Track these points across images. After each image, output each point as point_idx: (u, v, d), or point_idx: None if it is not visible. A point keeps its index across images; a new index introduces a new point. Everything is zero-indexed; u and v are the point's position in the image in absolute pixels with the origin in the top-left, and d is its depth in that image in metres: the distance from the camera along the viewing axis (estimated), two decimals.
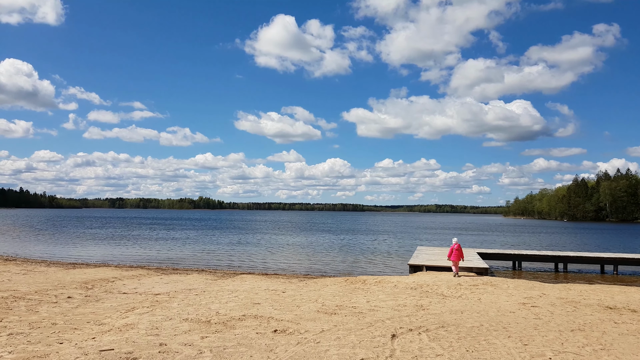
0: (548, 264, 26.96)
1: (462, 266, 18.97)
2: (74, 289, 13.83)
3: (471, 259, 21.60)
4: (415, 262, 19.99)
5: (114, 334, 8.10)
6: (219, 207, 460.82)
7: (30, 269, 19.41)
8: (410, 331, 8.48)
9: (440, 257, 21.99)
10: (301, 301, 11.47)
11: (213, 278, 17.60)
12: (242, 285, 14.86)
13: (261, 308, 10.45)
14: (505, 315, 10.19)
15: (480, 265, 19.39)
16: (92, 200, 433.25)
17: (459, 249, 17.95)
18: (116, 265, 23.72)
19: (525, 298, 12.53)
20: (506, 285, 14.83)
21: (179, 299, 11.87)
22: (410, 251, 34.34)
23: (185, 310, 10.25)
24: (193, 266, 24.63)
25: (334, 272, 23.09)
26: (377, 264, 26.54)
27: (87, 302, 11.66)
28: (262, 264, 26.23)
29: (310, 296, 12.36)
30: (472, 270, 18.83)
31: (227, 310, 10.12)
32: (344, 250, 34.66)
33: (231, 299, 11.76)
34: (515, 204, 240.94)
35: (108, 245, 36.65)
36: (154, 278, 17.20)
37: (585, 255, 24.89)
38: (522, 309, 11.05)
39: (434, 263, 19.95)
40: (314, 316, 9.58)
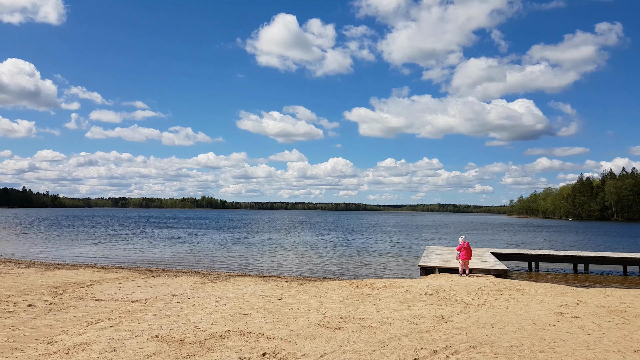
0: (566, 265, 25.21)
1: (479, 267, 17.21)
2: (41, 294, 12.11)
3: (486, 260, 19.83)
4: (427, 264, 18.21)
5: (59, 358, 6.36)
6: (222, 206, 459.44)
7: (4, 270, 17.70)
8: (435, 353, 6.72)
9: (453, 258, 20.21)
10: (299, 311, 9.71)
11: (203, 281, 15.86)
12: (234, 290, 13.10)
13: (251, 321, 8.70)
14: (545, 330, 8.42)
15: (498, 266, 17.62)
16: (95, 200, 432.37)
17: (468, 247, 16.23)
18: (103, 267, 22.00)
19: (560, 306, 10.76)
20: (533, 290, 13.05)
21: (156, 308, 10.12)
22: (418, 251, 32.56)
23: (159, 323, 8.51)
24: (186, 267, 22.90)
25: (337, 273, 21.34)
26: (383, 265, 24.78)
27: (49, 311, 9.93)
28: (260, 264, 24.49)
29: (310, 304, 10.60)
30: (489, 272, 17.06)
31: (209, 324, 8.37)
32: (347, 251, 32.91)
33: (217, 308, 10.01)
34: (519, 203, 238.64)
35: (100, 245, 34.95)
36: (138, 281, 15.48)
37: (608, 255, 23.09)
38: (561, 320, 9.28)
39: (447, 264, 18.17)
40: (314, 332, 7.82)
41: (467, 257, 16.16)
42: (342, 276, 20.61)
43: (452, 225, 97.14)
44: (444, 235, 55.42)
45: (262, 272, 21.23)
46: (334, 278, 19.41)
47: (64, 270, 18.72)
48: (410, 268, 23.64)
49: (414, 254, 30.90)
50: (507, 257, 23.61)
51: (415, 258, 27.90)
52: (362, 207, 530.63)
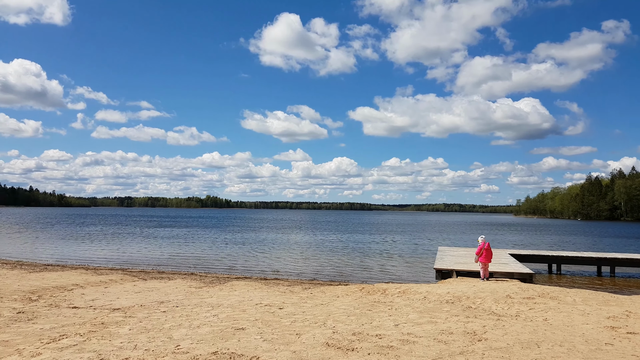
0: (589, 268, 23.62)
1: (501, 271, 15.67)
2: (11, 301, 10.68)
3: (506, 262, 18.27)
4: (443, 266, 16.67)
5: None
6: (227, 205, 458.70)
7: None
8: None
9: (470, 260, 18.66)
10: (303, 325, 8.21)
11: (198, 285, 14.41)
12: (230, 296, 11.63)
13: (245, 337, 7.21)
14: (603, 351, 6.90)
15: (522, 269, 16.06)
16: (101, 199, 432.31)
17: (488, 249, 14.70)
18: (95, 268, 20.62)
19: (608, 318, 9.22)
20: (570, 297, 11.50)
21: (136, 319, 8.66)
22: (429, 252, 31.00)
23: (134, 340, 7.04)
24: (183, 269, 21.48)
25: (344, 276, 19.85)
26: (393, 267, 23.25)
27: (13, 322, 8.50)
28: (262, 266, 23.03)
29: (316, 315, 9.12)
30: (513, 276, 15.52)
31: (194, 342, 6.90)
32: (354, 252, 31.40)
33: (207, 320, 8.54)
34: (526, 203, 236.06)
35: (98, 245, 33.60)
36: (126, 285, 14.05)
37: (636, 257, 21.45)
38: (617, 337, 7.75)
39: (465, 267, 16.63)
40: (322, 355, 6.33)
41: (487, 260, 14.64)
42: (350, 279, 19.11)
43: (459, 225, 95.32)
44: (454, 235, 53.78)
45: (264, 275, 19.77)
46: (341, 281, 17.92)
47: (50, 272, 17.33)
48: (422, 270, 22.11)
49: (424, 255, 29.36)
50: (526, 259, 22.05)
51: (427, 259, 26.36)
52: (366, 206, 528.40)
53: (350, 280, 18.73)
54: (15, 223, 66.23)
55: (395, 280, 18.67)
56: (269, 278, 18.25)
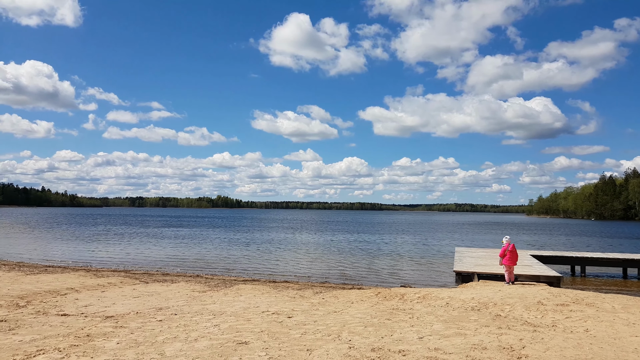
0: (614, 269, 22.42)
1: (526, 274, 14.59)
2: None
3: (530, 264, 17.17)
4: (463, 269, 15.62)
5: None
6: (237, 206, 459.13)
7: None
8: None
9: (491, 262, 17.58)
10: (315, 337, 7.24)
11: (202, 289, 13.51)
12: (234, 302, 10.69)
13: (247, 355, 6.25)
14: None
15: (548, 272, 14.95)
16: (112, 199, 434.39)
17: (514, 250, 13.64)
18: (97, 269, 19.84)
19: None
20: (607, 304, 10.41)
21: (128, 330, 7.75)
22: (444, 253, 29.90)
23: (119, 358, 6.12)
24: (188, 270, 20.63)
25: (357, 278, 18.86)
26: (408, 270, 22.21)
27: None
28: (271, 267, 22.11)
29: (329, 325, 8.14)
30: (539, 279, 14.43)
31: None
32: (366, 252, 30.39)
33: (207, 332, 7.60)
34: (539, 203, 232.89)
35: (104, 245, 32.92)
36: (125, 289, 13.18)
37: None
38: None
39: (486, 269, 15.57)
40: None
41: (512, 262, 13.58)
42: (363, 282, 18.12)
43: (472, 225, 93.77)
44: (468, 236, 52.52)
45: (273, 277, 18.84)
46: (354, 285, 16.93)
47: (49, 274, 16.53)
48: (439, 273, 21.06)
49: (440, 256, 28.27)
50: (548, 260, 20.91)
51: (443, 261, 25.28)
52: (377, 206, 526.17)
53: (363, 283, 17.74)
54: (24, 223, 66.00)
55: (411, 284, 17.64)
56: (278, 281, 17.32)
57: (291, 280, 17.78)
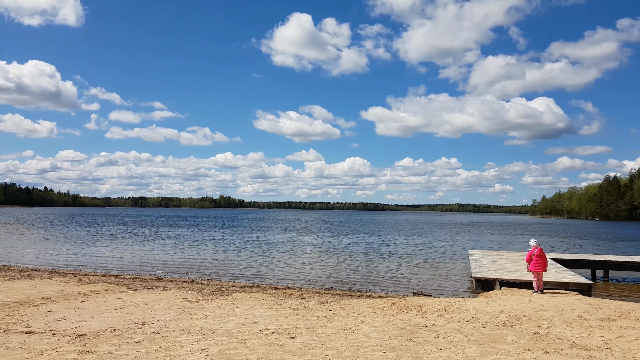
0: (635, 274, 21.00)
1: (554, 280, 13.18)
2: None
3: (554, 269, 15.74)
4: (482, 275, 14.21)
5: None
6: (240, 206, 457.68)
7: None
8: None
9: (512, 267, 16.17)
10: None
11: (195, 297, 12.14)
12: (229, 316, 9.29)
13: None
14: None
15: (577, 279, 13.54)
16: (115, 199, 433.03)
17: (541, 254, 12.24)
18: (85, 273, 18.53)
19: None
20: None
21: (94, 357, 6.37)
22: (453, 256, 28.48)
23: None
24: (184, 275, 19.27)
25: (365, 284, 17.46)
26: (419, 274, 20.81)
27: None
28: (273, 272, 20.72)
29: (340, 350, 6.74)
30: (568, 286, 13.02)
31: None
32: (372, 255, 29.00)
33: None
34: (543, 203, 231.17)
35: (100, 246, 31.57)
36: (109, 298, 11.81)
37: None
38: None
39: (509, 275, 14.15)
40: None
41: (540, 269, 12.17)
42: (372, 287, 16.73)
43: (477, 225, 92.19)
44: (476, 237, 51.07)
45: (275, 282, 17.47)
46: (363, 292, 15.54)
47: (30, 279, 15.18)
48: (453, 278, 19.66)
49: (449, 259, 26.85)
50: (569, 264, 19.47)
51: (456, 264, 23.87)
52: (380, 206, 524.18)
53: (372, 289, 16.35)
54: (21, 223, 64.62)
55: (424, 291, 16.25)
56: (279, 287, 15.93)
57: (294, 286, 16.38)
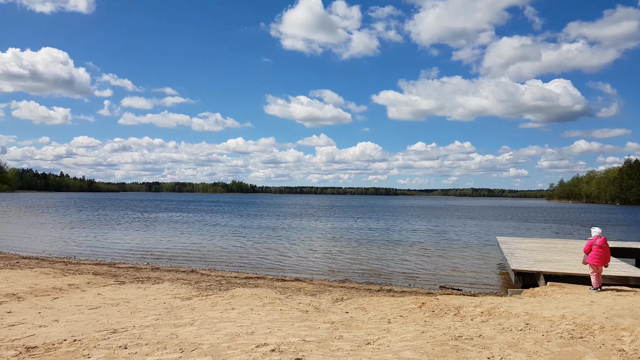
0: None
1: (609, 274, 11.17)
2: None
3: None
4: (523, 267, 12.24)
5: None
6: (252, 191, 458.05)
7: None
8: None
9: (553, 257, 14.16)
10: None
11: (187, 294, 10.37)
12: (221, 322, 7.47)
13: None
14: None
15: (636, 273, 11.53)
16: (129, 185, 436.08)
17: (604, 245, 10.23)
18: (77, 261, 16.97)
19: None
20: None
21: None
22: (479, 242, 26.47)
23: None
24: (184, 263, 17.60)
25: (384, 275, 15.59)
26: (443, 263, 18.88)
27: None
28: (281, 260, 18.95)
29: None
30: (627, 281, 11.02)
31: None
32: (388, 242, 27.12)
33: None
34: (560, 187, 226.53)
35: (104, 231, 30.11)
36: (88, 294, 10.10)
37: None
38: None
39: (555, 268, 12.16)
40: None
41: (601, 262, 10.16)
42: (392, 279, 14.87)
43: (493, 209, 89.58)
44: (497, 222, 48.87)
45: (283, 273, 15.69)
46: (382, 285, 13.68)
47: (8, 269, 13.58)
48: (482, 266, 17.71)
49: (475, 245, 24.87)
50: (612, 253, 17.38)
51: (482, 252, 21.88)
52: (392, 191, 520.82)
53: (392, 282, 14.49)
54: (32, 207, 63.73)
55: (452, 283, 14.36)
56: (287, 279, 14.15)
57: (303, 278, 14.58)
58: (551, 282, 11.46)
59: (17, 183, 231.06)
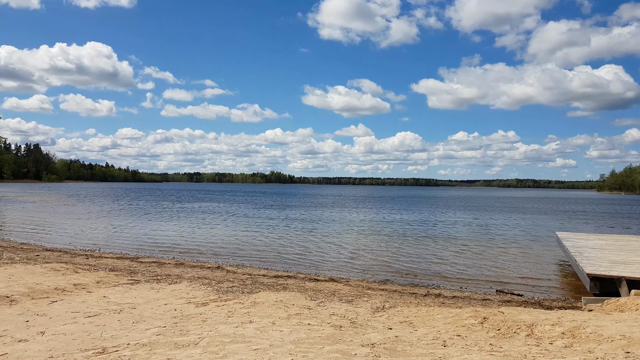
0: None
1: None
2: None
3: None
4: (602, 271, 10.29)
5: None
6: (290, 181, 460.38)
7: None
8: None
9: (628, 257, 12.07)
10: None
11: (203, 297, 9.02)
12: (233, 343, 6.00)
13: None
14: None
15: None
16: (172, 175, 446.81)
17: None
18: (100, 255, 16.01)
19: None
20: None
21: None
22: (532, 238, 24.23)
23: None
24: (212, 258, 16.41)
25: (429, 274, 13.85)
26: (494, 263, 16.94)
27: None
28: (316, 256, 17.48)
29: None
30: None
31: None
32: (432, 236, 25.24)
33: None
34: (612, 178, 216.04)
35: (137, 221, 29.51)
36: (92, 296, 8.90)
37: None
38: None
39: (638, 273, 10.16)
40: None
41: None
42: (440, 280, 13.14)
43: (541, 201, 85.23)
44: (547, 215, 45.91)
45: (316, 271, 14.21)
46: (429, 287, 11.99)
47: (22, 264, 12.62)
48: (539, 267, 15.68)
49: (528, 241, 22.69)
50: None
51: (536, 249, 19.75)
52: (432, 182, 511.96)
53: (439, 283, 12.77)
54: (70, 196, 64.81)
55: (510, 287, 12.52)
56: (320, 278, 12.65)
57: (339, 277, 13.04)
58: (635, 289, 9.49)
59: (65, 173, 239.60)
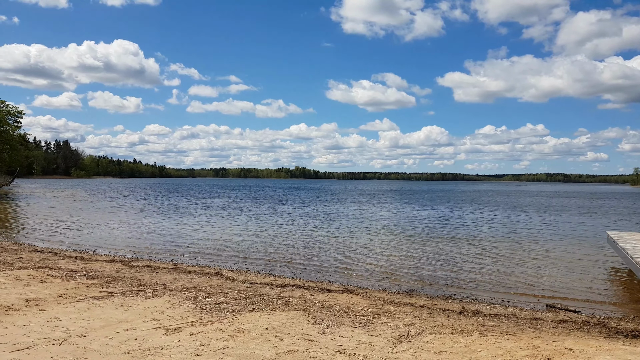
0: None
1: None
2: None
3: None
4: None
5: None
6: (315, 176, 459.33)
7: None
8: None
9: None
10: None
11: (179, 320, 7.17)
12: None
13: None
14: None
15: None
16: (198, 170, 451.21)
17: None
18: (90, 257, 14.41)
19: None
20: None
21: None
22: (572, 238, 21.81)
23: None
24: (214, 261, 14.66)
25: (461, 282, 11.76)
26: (536, 270, 14.68)
27: None
28: (330, 259, 15.51)
29: None
30: None
31: None
32: (462, 236, 23.04)
33: None
34: None
35: (154, 219, 28.10)
36: (43, 317, 7.17)
37: None
38: None
39: None
40: None
41: None
42: (474, 291, 11.06)
43: (575, 196, 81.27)
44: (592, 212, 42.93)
45: (329, 278, 12.27)
46: (464, 301, 9.91)
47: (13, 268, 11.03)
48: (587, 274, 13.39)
49: (565, 241, 20.32)
50: None
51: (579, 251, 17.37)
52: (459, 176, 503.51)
53: (474, 294, 10.68)
54: (92, 191, 64.34)
55: (561, 301, 10.37)
56: (334, 288, 10.68)
57: (355, 287, 11.05)
58: None
59: (93, 169, 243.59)
